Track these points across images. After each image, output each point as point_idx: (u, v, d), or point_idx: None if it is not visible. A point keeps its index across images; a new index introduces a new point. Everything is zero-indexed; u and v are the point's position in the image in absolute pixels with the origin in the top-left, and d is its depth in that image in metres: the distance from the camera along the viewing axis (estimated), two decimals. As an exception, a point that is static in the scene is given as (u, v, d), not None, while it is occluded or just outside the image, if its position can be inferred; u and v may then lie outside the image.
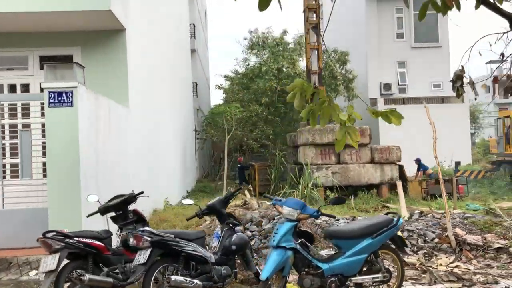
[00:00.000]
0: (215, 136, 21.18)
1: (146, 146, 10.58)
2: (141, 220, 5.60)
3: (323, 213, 4.99)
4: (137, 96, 9.56)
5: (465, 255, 7.11)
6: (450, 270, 6.40)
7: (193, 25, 23.67)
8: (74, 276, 4.64)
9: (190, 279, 4.76)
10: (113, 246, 5.31)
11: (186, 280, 4.72)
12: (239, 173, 18.93)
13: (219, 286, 5.01)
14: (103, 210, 5.52)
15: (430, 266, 6.62)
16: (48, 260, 4.63)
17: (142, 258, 4.73)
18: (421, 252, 7.22)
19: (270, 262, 4.64)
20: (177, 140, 16.13)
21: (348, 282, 4.95)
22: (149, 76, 11.18)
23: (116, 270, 4.98)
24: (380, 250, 5.19)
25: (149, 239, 4.76)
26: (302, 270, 4.86)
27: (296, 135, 14.76)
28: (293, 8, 35.11)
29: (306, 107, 3.85)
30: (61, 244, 4.70)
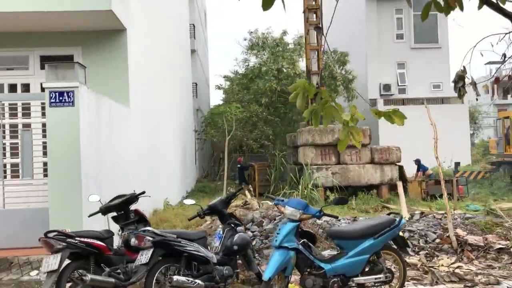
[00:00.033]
0: (215, 136, 21.14)
1: (146, 146, 10.57)
2: (143, 220, 5.58)
3: (326, 214, 4.98)
4: (138, 96, 9.55)
5: (467, 256, 7.10)
6: (452, 271, 6.40)
7: (193, 25, 23.65)
8: (76, 276, 4.63)
9: (192, 279, 4.76)
10: (115, 246, 5.30)
11: (188, 280, 4.72)
12: (239, 174, 18.90)
13: (221, 287, 5.02)
14: (105, 210, 5.51)
15: (432, 267, 6.62)
16: (50, 260, 4.62)
17: (144, 258, 4.72)
18: (423, 253, 7.21)
19: (273, 262, 4.64)
20: (177, 140, 16.12)
21: (350, 283, 4.95)
22: (150, 76, 11.17)
23: (118, 270, 4.97)
24: (382, 251, 5.19)
25: (151, 239, 4.76)
26: (304, 271, 4.86)
27: (296, 136, 14.75)
28: (293, 9, 35.07)
29: (309, 107, 3.84)
30: (63, 244, 4.69)
